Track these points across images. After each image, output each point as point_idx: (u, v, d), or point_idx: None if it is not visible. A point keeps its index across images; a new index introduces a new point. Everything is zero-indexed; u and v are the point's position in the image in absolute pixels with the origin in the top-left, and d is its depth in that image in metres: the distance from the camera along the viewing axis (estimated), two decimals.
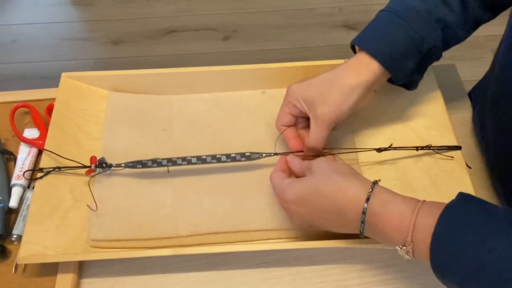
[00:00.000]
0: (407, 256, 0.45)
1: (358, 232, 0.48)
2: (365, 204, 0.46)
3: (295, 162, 0.55)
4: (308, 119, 0.57)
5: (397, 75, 0.57)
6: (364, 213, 0.46)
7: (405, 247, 0.45)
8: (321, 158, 0.53)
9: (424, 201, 0.46)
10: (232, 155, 0.58)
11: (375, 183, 0.48)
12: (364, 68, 0.55)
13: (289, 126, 0.60)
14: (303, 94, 0.56)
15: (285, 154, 0.58)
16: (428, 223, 0.43)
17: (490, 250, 0.39)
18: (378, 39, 0.56)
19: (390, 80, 0.59)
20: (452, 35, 0.58)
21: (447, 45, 0.59)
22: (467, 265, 0.40)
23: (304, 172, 0.53)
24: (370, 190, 0.47)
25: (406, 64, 0.56)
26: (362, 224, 0.47)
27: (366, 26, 0.59)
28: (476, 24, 0.60)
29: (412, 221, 0.44)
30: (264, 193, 0.59)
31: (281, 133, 0.60)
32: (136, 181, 0.61)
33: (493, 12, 0.60)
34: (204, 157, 0.58)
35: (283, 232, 0.57)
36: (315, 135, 0.56)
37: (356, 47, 0.58)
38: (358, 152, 0.62)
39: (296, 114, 0.59)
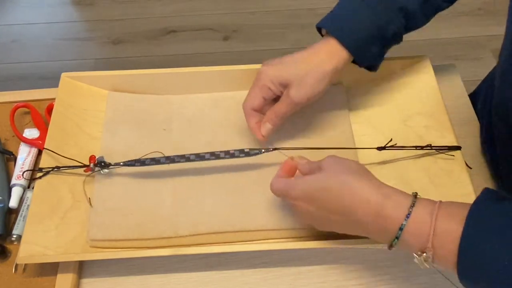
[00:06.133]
0: (426, 264, 0.43)
1: (365, 235, 0.48)
2: (404, 221, 0.44)
3: (303, 163, 0.53)
4: (275, 100, 0.59)
5: (361, 60, 0.59)
6: (400, 229, 0.44)
7: (424, 254, 0.42)
8: (332, 156, 0.51)
9: (440, 202, 0.44)
10: (230, 151, 0.58)
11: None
12: (336, 54, 0.57)
13: (256, 110, 0.59)
14: (280, 76, 0.57)
15: (285, 149, 0.58)
16: (450, 227, 0.41)
17: None
18: (346, 25, 0.57)
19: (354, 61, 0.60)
20: (414, 23, 0.59)
21: (408, 30, 0.60)
22: (502, 270, 0.39)
23: (313, 171, 0.52)
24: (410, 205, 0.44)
25: (370, 49, 0.58)
26: (396, 239, 0.44)
27: (334, 8, 0.60)
28: (435, 11, 0.61)
29: (432, 226, 0.42)
30: (264, 193, 0.59)
31: (248, 118, 0.60)
32: (136, 181, 0.61)
33: (451, 1, 0.61)
34: (203, 154, 0.58)
35: (283, 232, 0.57)
36: (281, 110, 0.57)
37: (323, 29, 0.59)
38: (358, 152, 0.62)
39: (269, 97, 0.58)
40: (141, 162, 0.59)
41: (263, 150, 0.58)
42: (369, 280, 0.56)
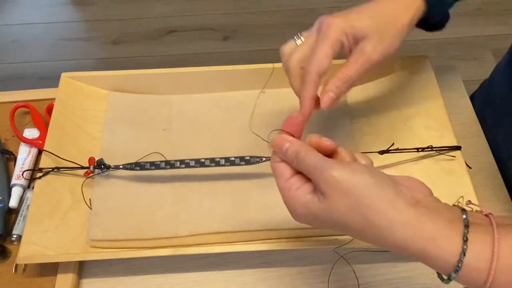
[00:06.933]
0: None
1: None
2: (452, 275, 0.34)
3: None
4: None
5: (435, 11, 0.50)
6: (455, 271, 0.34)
7: None
8: (334, 180, 0.36)
9: (497, 229, 0.35)
10: (231, 158, 0.58)
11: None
12: (412, 5, 0.48)
13: (321, 75, 0.46)
14: (354, 28, 0.45)
15: None
16: None
17: None
18: None
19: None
20: None
21: None
22: None
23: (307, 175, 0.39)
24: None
25: None
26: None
27: None
28: None
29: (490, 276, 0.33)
30: (264, 193, 0.59)
31: (310, 88, 0.45)
32: (136, 181, 0.61)
33: None
34: (203, 160, 0.58)
35: (283, 232, 0.57)
36: (352, 73, 0.45)
37: None
38: None
39: (335, 54, 0.46)
40: (140, 166, 0.59)
41: (263, 158, 0.58)
42: (369, 280, 0.56)
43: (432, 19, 0.52)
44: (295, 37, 0.48)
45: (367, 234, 0.36)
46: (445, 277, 0.35)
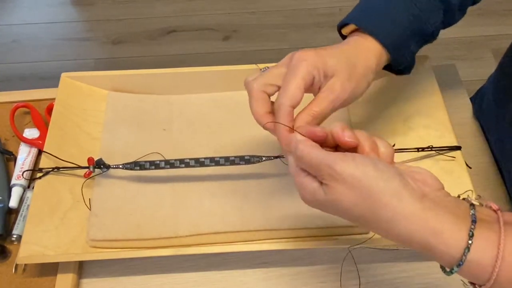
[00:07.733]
0: None
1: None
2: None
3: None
4: None
5: (398, 61, 0.51)
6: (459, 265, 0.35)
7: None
8: (346, 176, 0.37)
9: (504, 232, 0.35)
10: (231, 158, 0.58)
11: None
12: (375, 52, 0.49)
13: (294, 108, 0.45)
14: (325, 64, 0.45)
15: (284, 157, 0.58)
16: None
17: None
18: (382, 20, 0.49)
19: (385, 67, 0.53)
20: (450, 17, 0.53)
21: (443, 26, 0.54)
22: None
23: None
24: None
25: (408, 48, 0.51)
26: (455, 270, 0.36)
27: (362, 1, 0.53)
28: (466, 7, 0.55)
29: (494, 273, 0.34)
30: (264, 192, 0.59)
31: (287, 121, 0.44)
32: (136, 181, 0.61)
33: None
34: (203, 160, 0.58)
35: (283, 232, 0.57)
36: (321, 109, 0.45)
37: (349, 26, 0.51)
38: None
39: (306, 88, 0.45)
40: (140, 165, 0.58)
41: (263, 158, 0.58)
42: (369, 280, 0.56)
43: (395, 66, 0.53)
44: (261, 69, 0.48)
45: (372, 226, 0.37)
46: (447, 269, 0.36)
